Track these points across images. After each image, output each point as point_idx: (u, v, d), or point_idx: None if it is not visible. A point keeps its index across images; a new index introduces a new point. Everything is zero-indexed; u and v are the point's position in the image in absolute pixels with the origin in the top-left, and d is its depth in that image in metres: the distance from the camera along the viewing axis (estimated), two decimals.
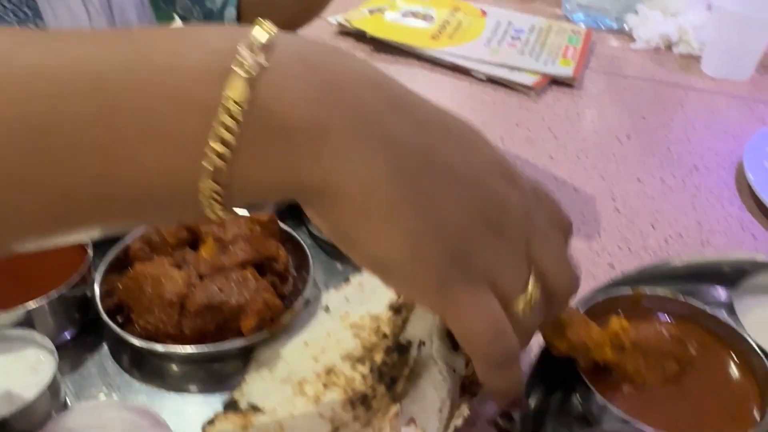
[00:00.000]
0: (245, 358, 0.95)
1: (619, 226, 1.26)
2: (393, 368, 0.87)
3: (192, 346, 0.91)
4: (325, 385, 0.89)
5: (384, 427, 0.76)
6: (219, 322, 0.91)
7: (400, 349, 0.88)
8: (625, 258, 1.17)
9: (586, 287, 1.14)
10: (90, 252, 0.98)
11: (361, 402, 0.84)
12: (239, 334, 0.92)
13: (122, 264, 1.01)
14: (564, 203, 0.68)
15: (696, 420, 0.83)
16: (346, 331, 0.98)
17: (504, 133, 1.52)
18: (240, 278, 0.94)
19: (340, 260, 1.14)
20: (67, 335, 0.97)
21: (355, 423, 0.81)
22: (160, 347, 0.91)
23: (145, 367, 0.95)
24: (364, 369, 0.89)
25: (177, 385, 0.93)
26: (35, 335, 0.88)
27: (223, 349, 0.92)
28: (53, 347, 0.86)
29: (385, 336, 0.93)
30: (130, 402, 0.89)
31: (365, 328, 0.97)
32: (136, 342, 0.91)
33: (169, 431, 0.84)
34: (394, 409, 0.77)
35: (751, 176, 1.33)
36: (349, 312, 1.01)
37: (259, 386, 0.91)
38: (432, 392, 0.80)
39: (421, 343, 0.83)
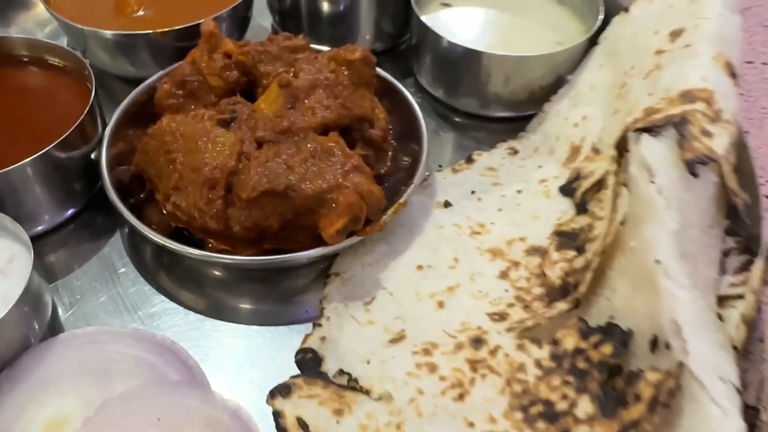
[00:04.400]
0: (319, 270, 0.62)
1: None
2: (601, 369, 0.48)
3: (245, 256, 0.57)
4: (474, 368, 0.51)
5: None
6: (286, 217, 0.58)
7: (612, 335, 0.48)
8: None
9: None
10: (93, 90, 0.64)
11: (542, 415, 0.47)
12: (315, 237, 0.57)
13: (144, 114, 0.67)
14: None
15: None
16: (485, 260, 0.59)
17: None
18: (320, 150, 0.59)
19: (459, 128, 0.78)
20: (66, 215, 0.65)
21: None
22: (194, 252, 0.57)
23: (173, 272, 0.63)
24: (541, 353, 0.50)
25: (217, 306, 0.60)
26: (5, 221, 0.57)
27: (294, 261, 0.58)
28: (28, 240, 0.55)
29: (556, 288, 0.55)
30: (144, 330, 0.57)
31: (519, 265, 0.58)
32: (158, 240, 0.58)
33: (204, 382, 0.53)
34: None
35: None
36: (485, 224, 0.63)
37: (350, 334, 0.55)
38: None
39: (656, 339, 0.46)
